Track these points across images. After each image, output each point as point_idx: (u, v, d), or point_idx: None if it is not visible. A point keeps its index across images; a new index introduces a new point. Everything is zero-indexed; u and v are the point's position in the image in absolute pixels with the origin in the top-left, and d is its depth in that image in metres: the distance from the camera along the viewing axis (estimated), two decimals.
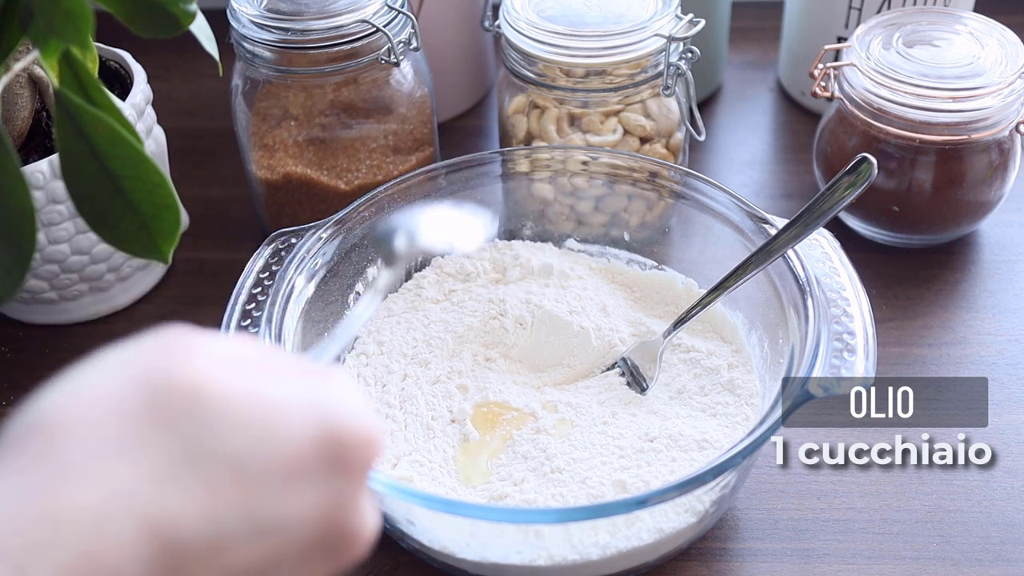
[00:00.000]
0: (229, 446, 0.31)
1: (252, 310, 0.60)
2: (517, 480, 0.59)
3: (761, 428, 0.52)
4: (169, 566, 0.29)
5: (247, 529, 0.31)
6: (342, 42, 0.71)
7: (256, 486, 0.31)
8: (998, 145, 0.73)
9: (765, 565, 0.59)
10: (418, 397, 0.64)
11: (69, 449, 0.29)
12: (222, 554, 0.30)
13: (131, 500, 0.29)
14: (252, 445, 0.31)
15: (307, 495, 0.32)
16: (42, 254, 0.69)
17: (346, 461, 0.33)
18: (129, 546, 0.28)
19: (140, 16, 0.46)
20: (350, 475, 0.33)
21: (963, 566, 0.58)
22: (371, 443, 0.34)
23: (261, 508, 0.31)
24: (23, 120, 0.67)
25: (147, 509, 0.29)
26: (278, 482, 0.31)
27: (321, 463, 0.32)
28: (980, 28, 0.75)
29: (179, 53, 0.88)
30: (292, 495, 0.32)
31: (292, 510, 0.32)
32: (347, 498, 0.33)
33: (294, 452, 0.32)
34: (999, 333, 0.72)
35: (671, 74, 0.73)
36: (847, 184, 0.58)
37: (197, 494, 0.30)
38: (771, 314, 0.63)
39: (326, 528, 0.33)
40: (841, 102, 0.76)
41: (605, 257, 0.73)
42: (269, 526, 0.31)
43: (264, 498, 0.31)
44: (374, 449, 0.34)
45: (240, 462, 0.31)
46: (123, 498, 0.29)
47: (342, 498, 0.33)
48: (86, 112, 0.45)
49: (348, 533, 0.34)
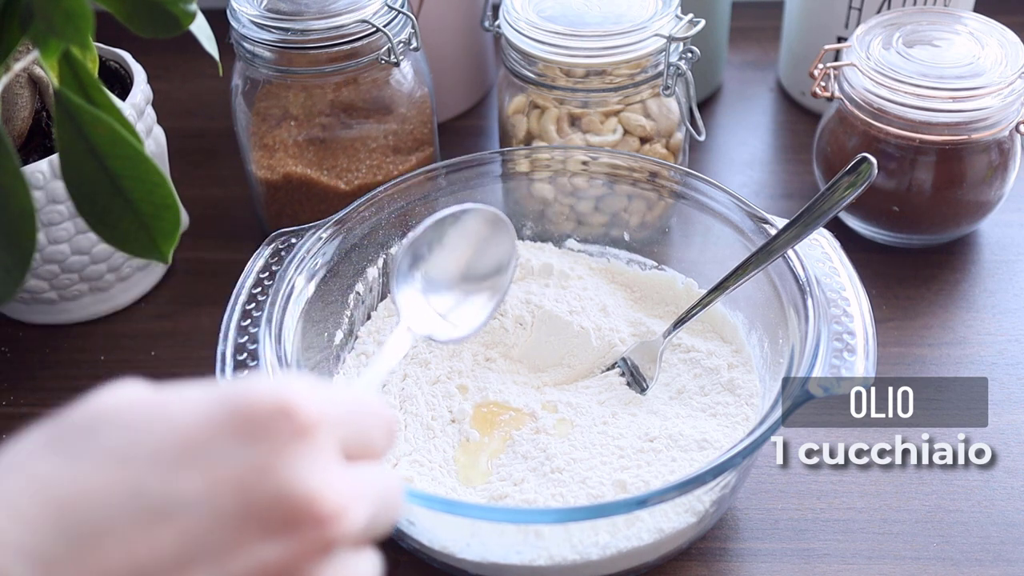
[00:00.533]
0: (120, 438, 0.31)
1: (252, 310, 0.60)
2: (517, 480, 0.59)
3: (761, 428, 0.52)
4: (67, 548, 0.30)
5: (138, 508, 0.30)
6: (342, 42, 0.71)
7: (143, 467, 0.31)
8: (998, 145, 0.73)
9: (765, 565, 0.59)
10: (418, 397, 0.64)
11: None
12: (119, 539, 0.30)
13: (39, 484, 0.31)
14: (143, 434, 0.32)
15: (204, 469, 0.31)
16: (42, 254, 0.69)
17: (256, 429, 0.31)
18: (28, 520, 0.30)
19: (140, 16, 0.46)
20: (269, 442, 0.31)
21: (963, 566, 0.58)
22: (285, 408, 0.32)
23: (149, 487, 0.31)
24: (23, 120, 0.67)
25: (49, 491, 0.31)
26: (168, 462, 0.31)
27: (223, 436, 0.31)
28: (980, 28, 0.75)
29: (179, 53, 0.88)
30: (184, 472, 0.31)
31: (187, 486, 0.31)
32: (269, 465, 0.31)
33: (186, 432, 0.31)
34: (999, 333, 0.72)
35: (671, 74, 0.73)
36: (847, 184, 0.58)
37: (90, 478, 0.31)
38: (771, 314, 0.63)
39: (244, 498, 0.31)
40: (841, 102, 0.76)
41: (605, 257, 0.73)
42: (162, 505, 0.31)
43: (151, 478, 0.31)
44: (292, 415, 0.32)
45: (129, 448, 0.31)
46: (33, 483, 0.31)
47: (260, 465, 0.31)
48: (86, 112, 0.45)
49: (282, 501, 0.31)
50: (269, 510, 0.31)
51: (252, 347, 0.56)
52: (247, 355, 0.56)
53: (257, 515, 0.31)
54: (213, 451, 0.31)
